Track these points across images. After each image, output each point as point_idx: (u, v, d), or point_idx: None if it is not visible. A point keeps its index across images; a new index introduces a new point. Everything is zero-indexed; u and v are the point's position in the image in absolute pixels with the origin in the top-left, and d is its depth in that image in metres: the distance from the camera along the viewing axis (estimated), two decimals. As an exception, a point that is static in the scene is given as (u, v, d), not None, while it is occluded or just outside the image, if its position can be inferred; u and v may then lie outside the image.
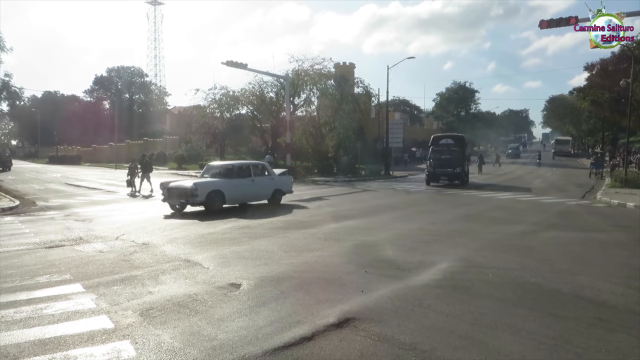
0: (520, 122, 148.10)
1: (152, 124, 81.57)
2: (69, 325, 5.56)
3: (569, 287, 7.09)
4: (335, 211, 16.23)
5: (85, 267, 8.39)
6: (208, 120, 41.18)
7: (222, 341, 5.08)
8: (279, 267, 8.33)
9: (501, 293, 6.80)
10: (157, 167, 50.59)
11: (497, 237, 11.36)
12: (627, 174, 26.07)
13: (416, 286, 7.09)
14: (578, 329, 5.39)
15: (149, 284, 7.30)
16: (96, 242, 10.66)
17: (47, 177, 36.60)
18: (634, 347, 4.97)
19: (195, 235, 11.56)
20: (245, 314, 5.93)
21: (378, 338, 5.14)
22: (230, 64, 30.72)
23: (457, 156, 27.87)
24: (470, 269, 8.21)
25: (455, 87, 79.26)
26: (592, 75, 48.00)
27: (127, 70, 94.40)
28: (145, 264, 8.63)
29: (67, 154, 72.65)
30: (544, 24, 19.76)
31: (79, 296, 6.68)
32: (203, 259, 8.88)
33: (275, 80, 39.38)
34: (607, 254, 9.62)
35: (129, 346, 4.98)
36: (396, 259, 8.93)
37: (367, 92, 43.53)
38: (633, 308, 6.16)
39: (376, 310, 5.97)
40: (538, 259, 9.08)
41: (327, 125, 40.97)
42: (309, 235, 11.57)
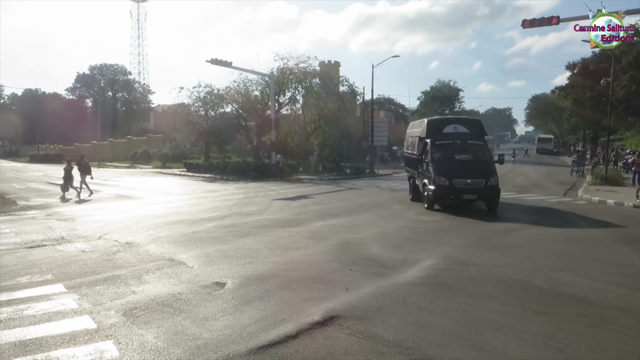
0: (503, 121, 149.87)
1: (136, 122, 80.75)
2: (50, 326, 5.50)
3: (551, 283, 7.19)
4: (321, 209, 16.25)
5: (67, 267, 8.29)
6: (192, 119, 40.91)
7: (206, 340, 5.06)
8: (264, 265, 8.31)
9: (484, 290, 6.87)
10: (141, 166, 50.25)
11: (481, 234, 11.47)
12: (607, 172, 26.47)
13: (400, 284, 7.13)
14: (559, 325, 5.47)
15: (132, 283, 7.24)
16: (78, 242, 10.54)
17: (29, 176, 36.05)
18: (614, 341, 5.06)
19: (180, 234, 11.48)
20: (229, 312, 5.91)
21: (362, 335, 5.16)
22: (215, 62, 30.53)
23: (483, 156, 16.34)
24: (454, 266, 8.29)
25: (439, 86, 79.84)
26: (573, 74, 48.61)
27: (110, 68, 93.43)
28: (128, 263, 8.55)
29: (48, 152, 71.58)
30: (527, 24, 19.94)
31: (60, 296, 6.60)
32: (187, 258, 8.83)
33: (261, 78, 39.24)
34: (587, 251, 9.76)
35: (111, 346, 4.93)
36: (381, 256, 8.97)
37: (352, 91, 43.59)
38: (613, 304, 6.27)
39: (361, 308, 5.99)
40: (521, 256, 9.18)
41: (312, 124, 40.98)
42: (294, 233, 11.56)
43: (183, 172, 39.17)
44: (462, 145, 16.30)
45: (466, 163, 15.83)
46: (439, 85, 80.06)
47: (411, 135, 19.42)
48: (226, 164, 36.72)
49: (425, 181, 15.95)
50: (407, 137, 20.38)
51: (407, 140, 20.37)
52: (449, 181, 15.03)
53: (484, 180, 15.07)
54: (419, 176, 17.08)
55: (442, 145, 16.20)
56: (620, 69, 33.87)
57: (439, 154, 15.95)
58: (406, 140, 20.61)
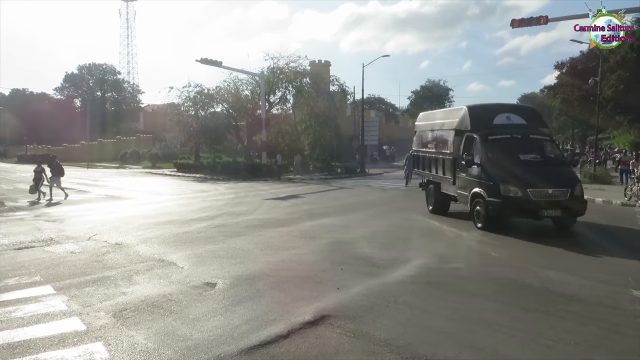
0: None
1: (125, 122, 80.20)
2: (39, 328, 5.44)
3: (540, 281, 7.24)
4: (311, 209, 16.24)
5: (56, 268, 8.21)
6: (182, 119, 40.71)
7: (197, 341, 5.04)
8: (254, 265, 8.29)
9: (475, 288, 6.91)
10: (131, 166, 49.95)
11: (471, 233, 11.50)
12: (596, 170, 26.70)
13: (391, 283, 7.15)
14: (549, 322, 5.51)
15: (122, 284, 7.19)
16: (67, 243, 10.45)
17: (16, 177, 35.67)
18: (603, 339, 5.10)
19: (170, 234, 11.43)
20: (220, 313, 5.89)
21: (353, 335, 5.16)
22: (205, 62, 30.44)
23: (556, 156, 13.16)
24: (444, 265, 8.33)
25: (429, 85, 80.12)
26: (562, 74, 48.93)
27: (99, 67, 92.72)
28: (118, 264, 8.49)
29: (37, 153, 70.83)
30: (516, 23, 20.10)
31: (49, 298, 6.54)
32: (178, 259, 8.79)
33: (251, 78, 39.19)
34: (576, 249, 9.84)
35: (101, 348, 4.89)
36: (372, 256, 8.98)
37: (342, 90, 43.63)
38: (602, 301, 6.33)
39: (352, 307, 6.00)
40: (510, 254, 9.25)
41: (302, 123, 40.97)
42: (285, 233, 11.55)
43: (173, 172, 38.99)
44: (524, 142, 12.32)
45: (539, 166, 11.84)
46: (429, 85, 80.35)
47: (432, 129, 14.97)
48: (216, 164, 36.61)
49: (477, 191, 11.62)
50: (420, 132, 16.15)
51: (420, 136, 16.04)
52: (521, 191, 10.87)
53: (569, 190, 11.13)
54: (455, 183, 12.96)
55: (498, 141, 12.08)
56: (608, 68, 34.15)
57: (497, 153, 11.73)
58: (417, 137, 16.30)
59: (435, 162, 14.44)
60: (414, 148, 16.74)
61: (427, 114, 16.74)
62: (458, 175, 12.91)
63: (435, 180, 14.65)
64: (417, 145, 16.31)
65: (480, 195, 11.55)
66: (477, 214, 11.80)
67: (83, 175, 37.84)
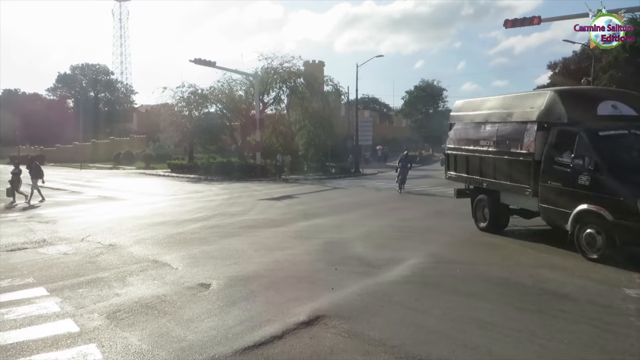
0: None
1: (119, 123, 79.81)
2: (32, 330, 5.42)
3: (533, 280, 7.28)
4: (306, 209, 16.24)
5: (49, 269, 8.17)
6: (176, 119, 40.56)
7: (191, 342, 5.03)
8: (249, 266, 8.29)
9: (469, 288, 6.93)
10: (125, 167, 49.76)
11: (465, 233, 11.55)
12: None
13: (386, 282, 7.17)
14: (542, 321, 5.54)
15: (115, 285, 7.16)
16: (60, 244, 10.39)
17: (8, 178, 35.34)
18: (595, 337, 5.13)
19: (164, 235, 11.39)
20: (214, 314, 5.88)
21: (348, 335, 5.17)
22: (199, 62, 30.37)
23: None
24: (439, 264, 8.35)
25: (423, 85, 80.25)
26: (555, 74, 49.22)
27: (91, 67, 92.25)
28: (112, 265, 8.46)
29: (29, 153, 70.42)
30: (509, 24, 20.23)
31: (42, 300, 6.50)
32: (172, 260, 8.76)
33: (245, 78, 39.13)
34: (568, 247, 9.88)
35: (95, 350, 4.88)
36: (366, 256, 9.00)
37: (336, 90, 43.72)
38: (594, 300, 6.37)
39: (346, 307, 6.00)
40: (503, 253, 9.28)
41: (297, 124, 40.97)
42: (279, 233, 11.55)
43: (167, 173, 38.87)
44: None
45: None
46: (423, 85, 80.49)
47: (486, 120, 11.47)
48: (210, 164, 36.52)
49: (590, 209, 8.49)
50: (462, 125, 12.58)
51: (463, 130, 12.45)
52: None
53: None
54: (539, 194, 9.72)
55: (612, 139, 9.11)
56: (600, 68, 34.41)
57: (617, 156, 8.89)
58: (457, 131, 12.77)
59: (494, 165, 11.06)
60: (450, 145, 13.09)
61: (473, 102, 13.07)
62: (545, 184, 9.54)
63: (492, 188, 11.24)
64: (457, 141, 12.71)
65: (596, 215, 8.38)
66: (589, 240, 8.56)
67: (76, 176, 37.67)
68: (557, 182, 9.34)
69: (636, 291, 6.73)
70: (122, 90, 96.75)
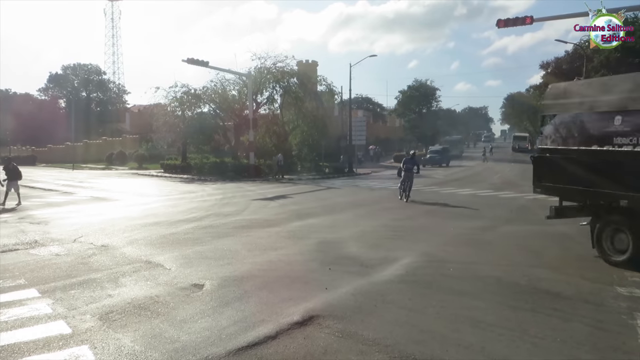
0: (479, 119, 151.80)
1: (111, 123, 79.36)
2: (24, 331, 5.38)
3: (526, 279, 7.31)
4: (299, 209, 16.23)
5: (41, 271, 8.11)
6: (169, 119, 40.37)
7: (184, 343, 5.01)
8: (242, 266, 8.27)
9: (462, 287, 6.95)
10: (117, 167, 49.51)
11: (458, 232, 11.59)
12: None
13: (379, 282, 7.17)
14: (535, 320, 5.57)
15: (108, 287, 7.12)
16: (52, 245, 10.32)
17: None
18: (588, 335, 5.17)
19: (157, 236, 11.34)
20: (208, 314, 5.86)
21: (342, 334, 5.17)
22: (192, 62, 30.25)
23: None
24: (432, 264, 8.37)
25: (416, 85, 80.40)
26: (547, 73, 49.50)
27: (83, 67, 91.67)
28: (104, 266, 8.41)
29: (20, 154, 69.95)
30: (501, 23, 20.30)
31: (34, 301, 6.46)
32: (165, 260, 8.73)
33: (238, 78, 39.03)
34: (561, 247, 9.96)
35: (87, 351, 4.85)
36: (360, 255, 9.00)
37: (330, 90, 43.65)
38: (586, 298, 6.41)
39: (340, 307, 6.01)
40: (497, 253, 9.32)
41: (290, 123, 40.91)
42: (273, 233, 11.53)
43: (160, 173, 38.69)
44: None
45: None
46: (417, 85, 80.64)
47: (619, 109, 7.88)
48: (204, 164, 36.41)
49: None
50: (568, 118, 9.02)
51: (572, 123, 8.86)
52: None
53: None
54: None
55: None
56: (592, 67, 34.67)
57: None
58: (560, 125, 9.17)
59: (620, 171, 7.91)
60: (545, 146, 9.63)
61: (591, 83, 10.08)
62: None
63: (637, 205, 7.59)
64: (562, 139, 9.07)
65: None
66: None
67: (68, 176, 37.41)
68: None
69: (628, 289, 6.78)
70: (114, 90, 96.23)
